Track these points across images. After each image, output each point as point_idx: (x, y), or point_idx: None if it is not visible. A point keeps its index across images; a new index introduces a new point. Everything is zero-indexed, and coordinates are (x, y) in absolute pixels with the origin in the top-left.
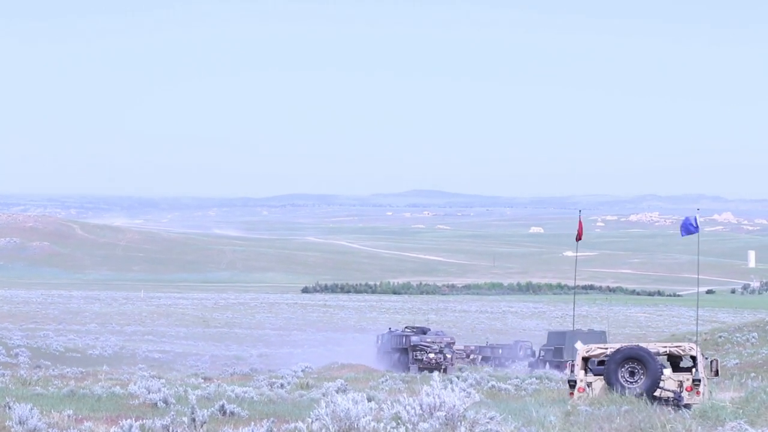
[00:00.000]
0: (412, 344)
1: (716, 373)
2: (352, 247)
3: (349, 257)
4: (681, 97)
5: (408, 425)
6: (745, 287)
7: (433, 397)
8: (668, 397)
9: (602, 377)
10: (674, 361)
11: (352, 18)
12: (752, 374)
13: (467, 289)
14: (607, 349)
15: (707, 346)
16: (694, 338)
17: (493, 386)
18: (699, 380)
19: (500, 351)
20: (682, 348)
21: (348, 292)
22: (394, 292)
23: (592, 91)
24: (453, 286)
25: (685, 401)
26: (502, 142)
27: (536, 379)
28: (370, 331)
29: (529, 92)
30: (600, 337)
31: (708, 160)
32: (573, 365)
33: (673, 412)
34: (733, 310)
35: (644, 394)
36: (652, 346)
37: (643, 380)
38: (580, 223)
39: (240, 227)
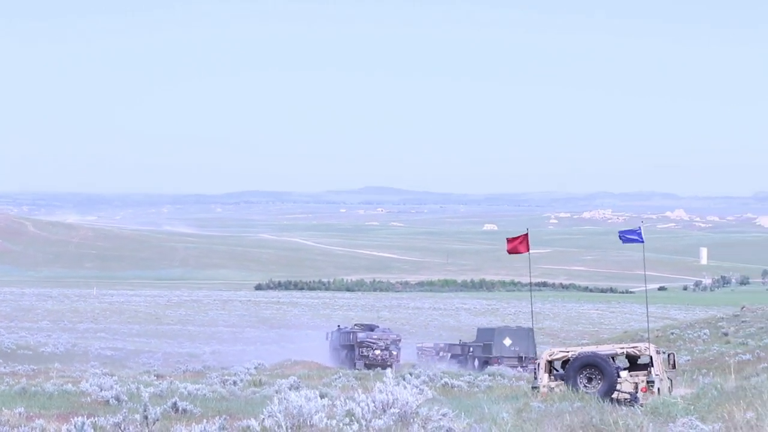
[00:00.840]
0: (358, 341)
1: (673, 366)
2: (306, 244)
3: (302, 254)
4: (633, 96)
5: (361, 422)
6: (697, 284)
7: (387, 394)
8: (625, 399)
9: (563, 382)
10: (633, 359)
11: (314, 16)
12: (703, 371)
13: (421, 286)
14: (568, 352)
15: (659, 343)
16: (646, 335)
17: (446, 383)
18: (653, 381)
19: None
20: (638, 348)
21: (301, 289)
22: (348, 289)
23: (545, 90)
24: (406, 283)
25: (641, 401)
26: (456, 139)
27: (489, 376)
28: (324, 328)
29: (482, 91)
30: (527, 333)
31: (661, 158)
32: (536, 370)
33: (625, 408)
34: (685, 306)
35: (602, 398)
36: (610, 348)
37: (600, 385)
38: (525, 236)
39: (193, 224)
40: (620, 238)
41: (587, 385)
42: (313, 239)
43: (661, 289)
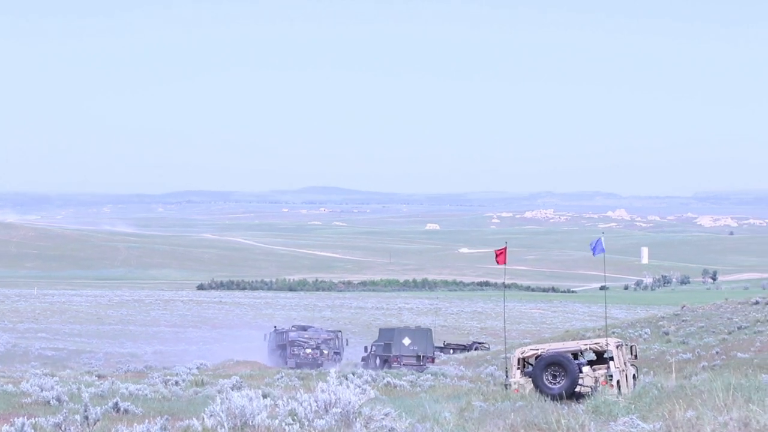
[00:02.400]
0: (290, 340)
1: (635, 356)
2: (248, 243)
3: (244, 254)
4: (575, 95)
5: (304, 422)
6: (638, 283)
7: (329, 394)
8: (587, 392)
9: (531, 379)
10: (599, 353)
11: (257, 16)
12: (644, 369)
13: (363, 285)
14: (538, 350)
15: None
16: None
17: (388, 383)
18: (612, 375)
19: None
20: (600, 344)
21: (243, 288)
22: (290, 289)
23: (487, 88)
24: (349, 282)
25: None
26: (399, 139)
27: (431, 375)
28: (266, 328)
29: (424, 89)
30: (426, 334)
31: (603, 158)
32: (507, 368)
33: (567, 407)
34: (626, 306)
35: (565, 393)
36: (575, 345)
37: (563, 382)
38: (504, 250)
39: (135, 224)
40: (593, 251)
41: (552, 381)
42: (256, 239)
43: (602, 288)
